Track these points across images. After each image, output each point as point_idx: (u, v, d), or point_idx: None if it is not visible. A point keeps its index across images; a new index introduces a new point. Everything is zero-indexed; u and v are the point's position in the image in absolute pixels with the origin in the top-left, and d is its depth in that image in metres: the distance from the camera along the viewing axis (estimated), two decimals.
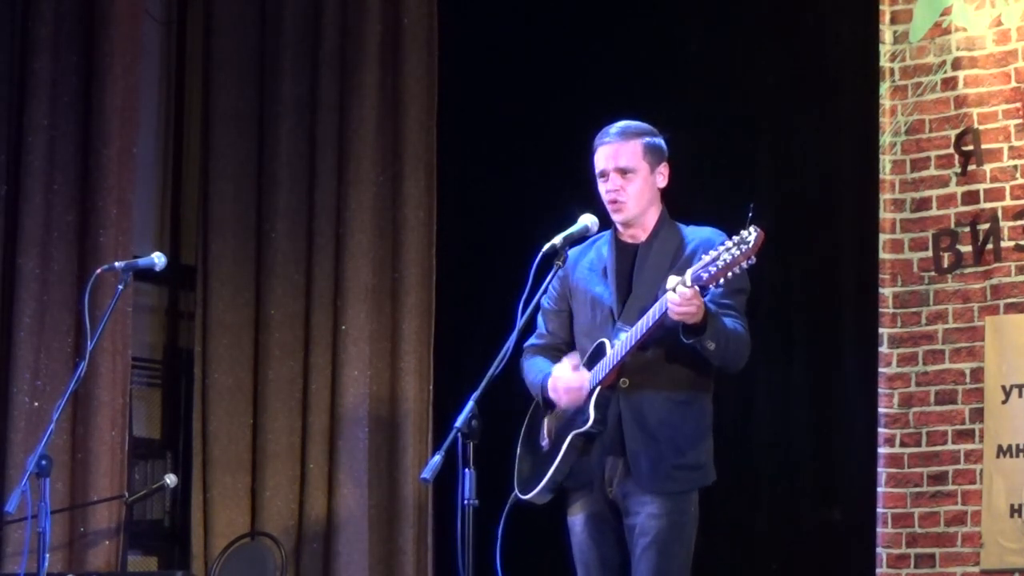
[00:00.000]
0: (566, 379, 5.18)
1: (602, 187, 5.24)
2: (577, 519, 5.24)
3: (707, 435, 5.20)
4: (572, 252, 5.32)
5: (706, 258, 4.82)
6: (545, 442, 5.24)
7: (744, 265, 4.79)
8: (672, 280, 4.88)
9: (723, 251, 4.79)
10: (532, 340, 5.42)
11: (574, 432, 5.12)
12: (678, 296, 4.84)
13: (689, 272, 4.83)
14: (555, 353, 5.35)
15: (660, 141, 5.27)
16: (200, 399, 7.89)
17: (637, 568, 5.09)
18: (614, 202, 5.21)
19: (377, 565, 7.84)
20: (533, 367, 5.35)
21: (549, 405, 5.27)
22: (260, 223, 8.03)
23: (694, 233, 5.21)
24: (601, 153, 5.24)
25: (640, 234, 5.25)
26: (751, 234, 4.77)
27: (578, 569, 5.26)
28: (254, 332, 7.98)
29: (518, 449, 5.37)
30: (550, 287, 5.34)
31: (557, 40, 7.98)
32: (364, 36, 8.05)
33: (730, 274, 4.80)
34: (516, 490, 5.29)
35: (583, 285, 5.29)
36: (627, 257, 5.23)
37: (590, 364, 5.15)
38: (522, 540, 5.29)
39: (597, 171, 5.25)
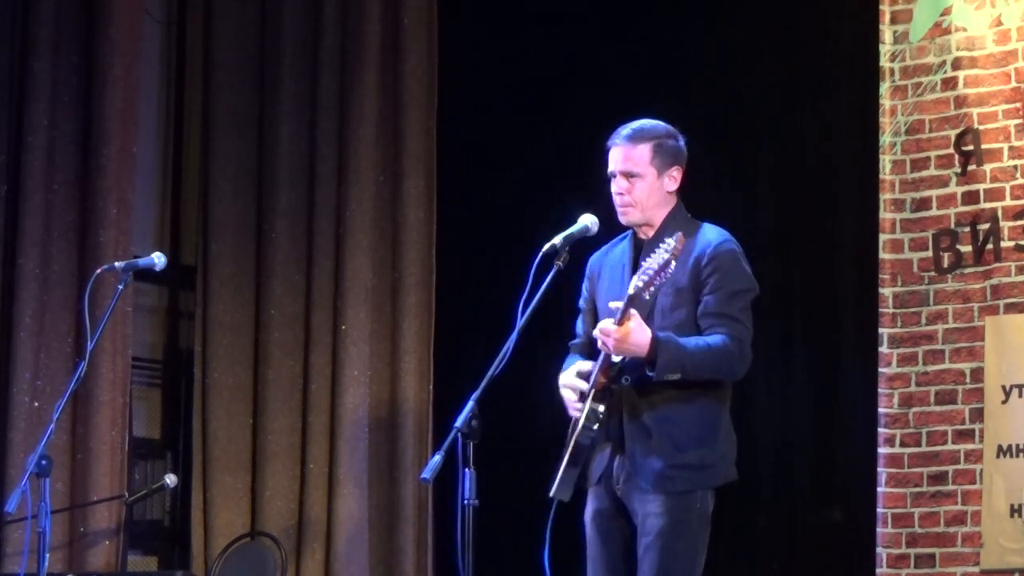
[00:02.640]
0: (563, 382, 5.21)
1: (612, 188, 5.24)
2: (587, 516, 5.23)
3: (714, 433, 5.13)
4: (599, 251, 5.35)
5: (643, 266, 4.89)
6: (568, 439, 5.22)
7: (668, 271, 4.83)
8: (613, 304, 4.97)
9: (652, 260, 4.86)
10: (573, 340, 5.44)
11: (576, 432, 5.11)
12: (600, 333, 4.96)
13: (632, 282, 4.90)
14: (589, 352, 5.32)
15: (674, 143, 5.22)
16: (200, 399, 7.89)
17: (640, 567, 5.07)
18: (619, 205, 5.21)
19: (377, 565, 7.84)
20: (565, 365, 5.35)
21: None
22: (260, 223, 8.03)
23: (699, 237, 5.17)
24: (610, 155, 5.22)
25: (650, 232, 5.24)
26: (671, 242, 4.83)
27: (588, 566, 5.24)
28: (254, 332, 7.98)
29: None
30: (582, 288, 5.38)
31: (557, 40, 7.98)
32: (364, 36, 8.05)
33: (659, 280, 4.85)
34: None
35: (606, 284, 5.29)
36: (638, 254, 5.23)
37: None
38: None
39: (608, 171, 5.25)
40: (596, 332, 4.98)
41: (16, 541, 7.00)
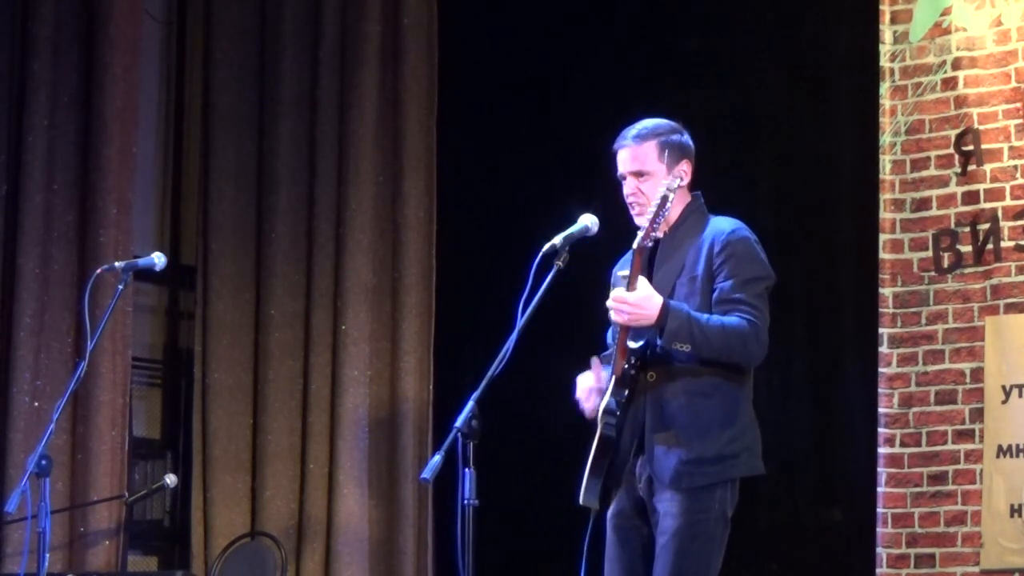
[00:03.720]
0: (581, 386, 5.18)
1: (624, 190, 5.23)
2: (608, 516, 5.22)
3: (734, 424, 5.07)
4: (620, 261, 5.31)
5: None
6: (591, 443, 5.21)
7: (664, 212, 4.90)
8: (622, 272, 4.99)
9: (651, 208, 4.91)
10: (604, 353, 5.36)
11: (600, 422, 5.07)
12: (615, 302, 4.92)
13: (635, 242, 4.92)
14: None
15: (680, 138, 5.21)
16: (200, 399, 7.89)
17: (655, 567, 5.06)
18: (633, 205, 5.20)
19: (377, 565, 7.85)
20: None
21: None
22: (260, 223, 8.03)
23: (712, 226, 5.15)
24: (618, 157, 5.20)
25: (666, 229, 5.23)
26: (674, 182, 4.95)
27: (605, 566, 5.23)
28: (254, 332, 7.99)
29: None
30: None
31: (557, 40, 7.99)
32: (364, 36, 8.05)
33: (656, 224, 4.90)
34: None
35: (620, 285, 5.27)
36: (653, 252, 5.21)
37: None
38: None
39: (617, 174, 5.23)
40: (609, 302, 4.93)
41: (16, 541, 7.00)
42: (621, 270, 5.12)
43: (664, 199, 4.90)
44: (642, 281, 4.94)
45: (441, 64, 8.16)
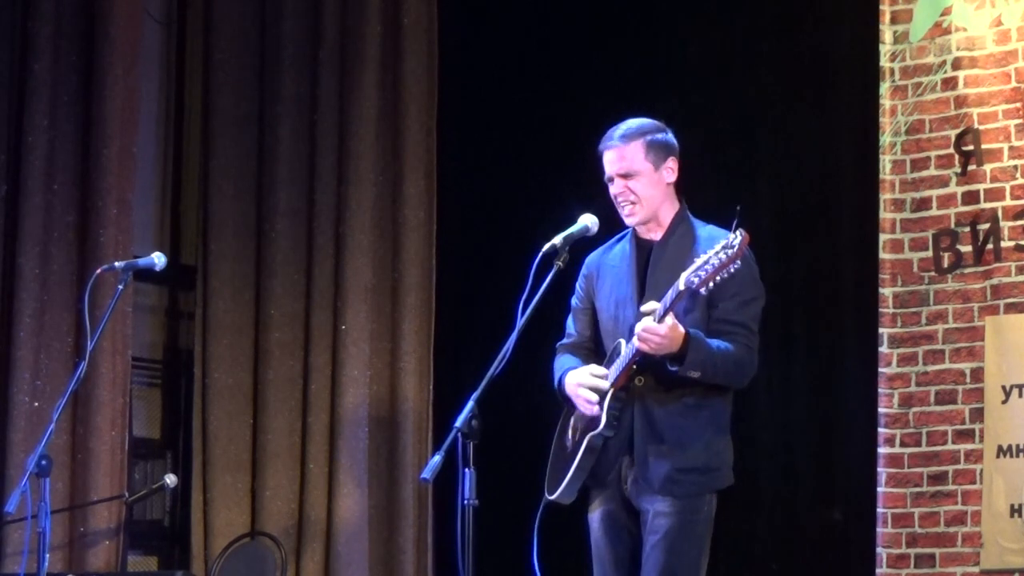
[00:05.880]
0: (578, 381, 5.19)
1: (611, 191, 5.23)
2: (594, 517, 5.24)
3: (720, 438, 5.19)
4: (597, 251, 5.35)
5: (697, 262, 4.83)
6: (569, 441, 5.24)
7: (731, 269, 4.80)
8: (647, 306, 4.93)
9: (711, 255, 4.80)
10: (562, 340, 5.43)
11: (590, 434, 5.12)
12: (644, 332, 4.89)
13: (683, 276, 4.84)
14: (583, 352, 5.34)
15: (664, 136, 5.23)
16: (200, 399, 7.89)
17: (646, 565, 5.09)
18: (623, 205, 5.20)
19: (377, 565, 7.85)
20: (558, 365, 5.35)
21: (569, 403, 5.26)
22: (260, 223, 8.03)
23: (710, 237, 5.15)
24: (605, 159, 5.22)
25: (657, 230, 5.23)
26: (736, 237, 4.79)
27: (594, 566, 5.26)
28: (254, 332, 7.98)
29: (552, 447, 5.36)
30: (577, 286, 5.38)
31: (557, 40, 7.99)
32: (364, 36, 8.05)
33: (718, 278, 4.81)
34: (545, 490, 5.27)
35: (608, 285, 5.28)
36: (644, 255, 5.22)
37: (609, 365, 5.15)
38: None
39: (605, 176, 5.24)
40: (639, 330, 4.91)
41: (16, 541, 7.00)
42: (648, 303, 5.05)
43: (732, 260, 4.79)
44: (671, 316, 4.92)
45: (441, 64, 8.16)
